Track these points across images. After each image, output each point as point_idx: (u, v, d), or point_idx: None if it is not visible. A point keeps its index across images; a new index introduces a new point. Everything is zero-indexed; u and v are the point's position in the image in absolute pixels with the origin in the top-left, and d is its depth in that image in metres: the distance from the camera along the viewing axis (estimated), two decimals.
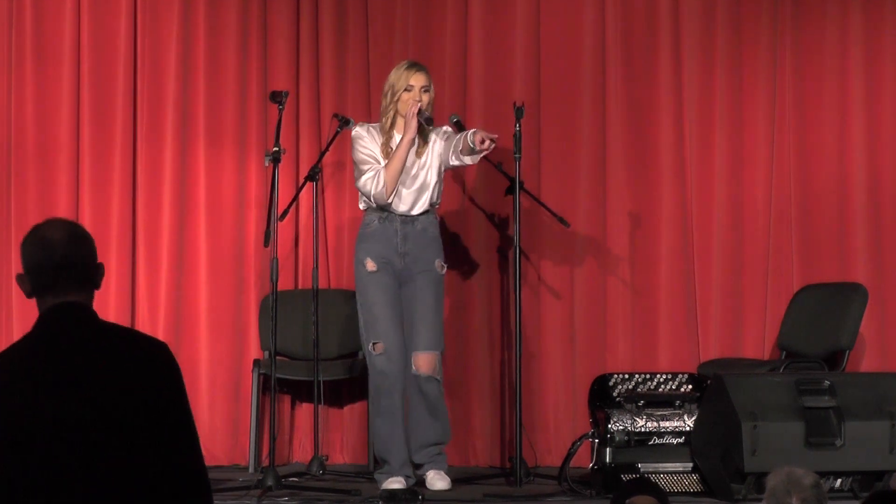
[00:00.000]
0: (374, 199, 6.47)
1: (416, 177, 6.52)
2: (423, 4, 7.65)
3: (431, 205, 6.57)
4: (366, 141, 6.52)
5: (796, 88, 7.61)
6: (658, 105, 7.59)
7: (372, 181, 6.46)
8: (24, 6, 7.57)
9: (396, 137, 6.52)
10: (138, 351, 3.00)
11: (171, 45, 7.58)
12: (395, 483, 6.34)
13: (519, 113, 6.65)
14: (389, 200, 6.46)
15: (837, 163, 7.59)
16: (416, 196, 6.52)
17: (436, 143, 6.56)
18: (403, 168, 6.45)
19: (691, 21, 7.61)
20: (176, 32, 7.58)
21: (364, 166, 6.49)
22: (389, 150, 6.50)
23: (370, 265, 6.46)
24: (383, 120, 6.54)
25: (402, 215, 6.51)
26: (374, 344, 6.41)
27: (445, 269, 6.62)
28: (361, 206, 6.64)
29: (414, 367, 6.40)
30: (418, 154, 6.53)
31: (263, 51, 7.62)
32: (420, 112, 6.43)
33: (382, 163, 6.49)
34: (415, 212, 6.52)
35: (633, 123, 7.59)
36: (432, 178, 6.54)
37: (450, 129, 6.63)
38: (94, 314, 3.07)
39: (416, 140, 6.51)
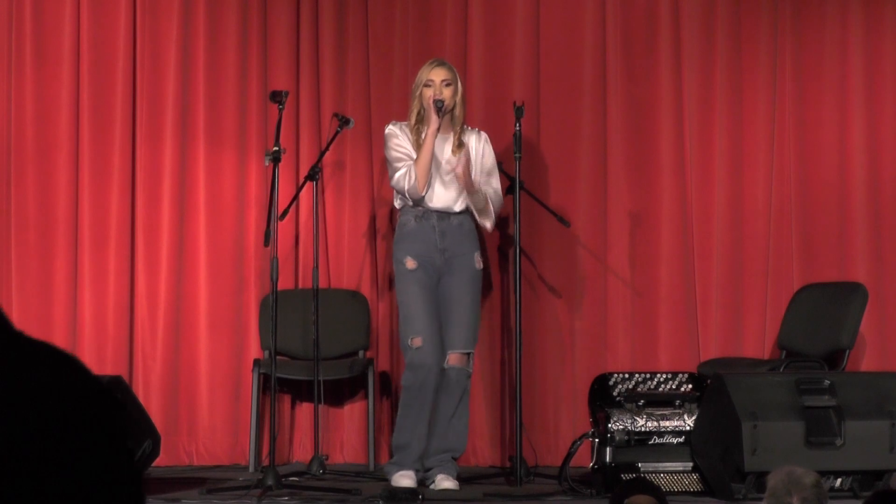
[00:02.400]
0: (409, 194, 6.50)
1: (451, 176, 6.55)
2: (422, 4, 7.65)
3: (468, 207, 6.60)
4: (399, 139, 6.54)
5: (796, 88, 7.61)
6: (658, 105, 7.59)
7: (405, 178, 6.48)
8: (24, 6, 7.57)
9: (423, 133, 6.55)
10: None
11: (171, 45, 7.58)
12: (406, 478, 6.34)
13: (519, 113, 6.65)
14: (423, 194, 6.49)
15: (837, 162, 7.59)
16: (452, 194, 6.55)
17: (479, 154, 6.62)
18: (432, 159, 6.48)
19: (691, 21, 7.61)
20: (176, 32, 7.58)
21: (398, 164, 6.52)
22: (420, 145, 6.53)
23: (410, 263, 6.49)
24: (410, 118, 6.57)
25: (437, 212, 6.54)
26: (412, 339, 6.44)
27: (482, 264, 6.66)
28: (397, 204, 6.68)
29: (447, 363, 6.45)
30: (456, 152, 6.56)
31: (263, 51, 7.62)
32: (435, 101, 6.46)
33: None
34: (455, 209, 6.57)
35: (634, 123, 7.60)
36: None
37: (487, 144, 6.65)
38: None
39: (451, 139, 6.54)
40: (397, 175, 6.52)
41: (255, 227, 7.49)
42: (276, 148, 6.52)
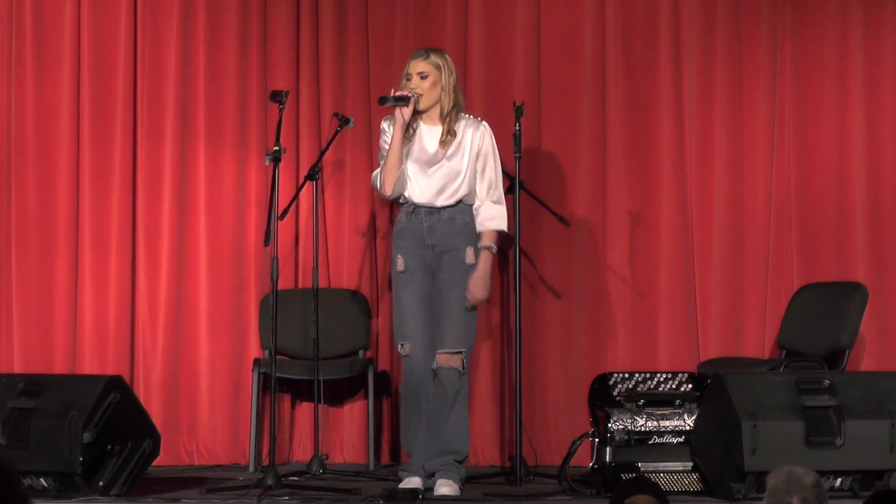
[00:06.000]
0: (380, 194, 6.50)
1: (439, 167, 6.47)
2: (423, 4, 7.66)
3: (460, 201, 6.48)
4: (387, 134, 6.50)
5: (796, 88, 7.61)
6: (658, 104, 7.59)
7: (376, 178, 6.49)
8: (24, 6, 7.58)
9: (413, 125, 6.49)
10: None
11: (171, 45, 7.59)
12: (412, 483, 6.33)
13: (519, 112, 6.66)
14: (389, 194, 6.45)
15: (837, 162, 7.59)
16: (438, 186, 6.46)
17: (474, 146, 6.47)
18: (399, 160, 6.41)
19: (691, 21, 7.61)
20: (176, 32, 7.59)
21: (381, 160, 6.50)
22: (407, 139, 6.46)
23: (400, 264, 6.46)
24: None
25: (425, 207, 6.48)
26: (401, 345, 6.42)
27: (475, 259, 6.44)
28: (399, 200, 6.62)
29: (436, 363, 6.38)
30: (444, 144, 6.47)
31: (263, 51, 7.63)
32: (384, 98, 6.39)
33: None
34: (438, 203, 6.46)
35: (634, 123, 7.60)
36: (461, 175, 6.44)
37: (488, 142, 6.51)
38: None
39: (442, 131, 6.44)
40: (374, 173, 6.53)
41: (255, 226, 7.50)
42: (277, 148, 6.52)
